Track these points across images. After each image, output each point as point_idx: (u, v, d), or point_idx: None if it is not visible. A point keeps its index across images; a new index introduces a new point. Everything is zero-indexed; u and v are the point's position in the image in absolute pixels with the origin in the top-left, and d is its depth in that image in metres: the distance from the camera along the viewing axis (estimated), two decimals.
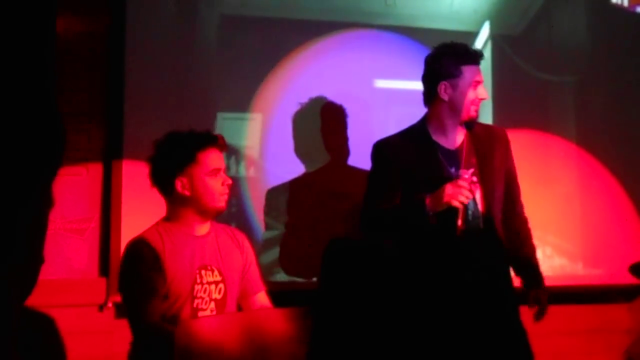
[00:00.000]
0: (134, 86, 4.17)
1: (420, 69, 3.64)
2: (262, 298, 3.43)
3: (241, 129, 4.32)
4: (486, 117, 4.54)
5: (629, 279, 4.57)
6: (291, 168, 4.40)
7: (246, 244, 3.46)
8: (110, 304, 4.10)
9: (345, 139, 4.48)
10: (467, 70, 3.58)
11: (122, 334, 3.89)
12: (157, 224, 3.31)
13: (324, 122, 4.48)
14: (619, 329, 5.00)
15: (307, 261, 4.27)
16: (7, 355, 1.50)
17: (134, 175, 4.12)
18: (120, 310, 4.08)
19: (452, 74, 3.58)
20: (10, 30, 1.49)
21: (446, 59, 3.59)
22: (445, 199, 3.40)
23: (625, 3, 5.17)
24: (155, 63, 4.24)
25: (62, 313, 3.91)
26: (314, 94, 4.47)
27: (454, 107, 3.59)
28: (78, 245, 4.10)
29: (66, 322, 3.93)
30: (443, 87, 3.57)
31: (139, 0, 4.24)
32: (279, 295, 3.49)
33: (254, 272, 3.44)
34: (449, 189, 3.41)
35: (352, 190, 4.09)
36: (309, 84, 4.47)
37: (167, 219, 3.31)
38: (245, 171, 4.33)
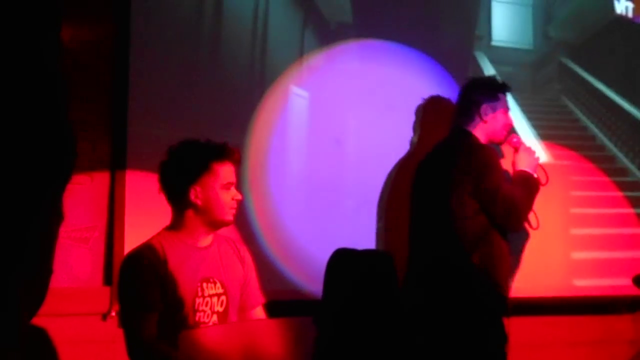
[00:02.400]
0: (139, 95, 4.18)
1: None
2: (259, 312, 3.41)
3: (244, 140, 4.32)
4: None
5: (633, 290, 4.57)
6: (297, 176, 4.41)
7: (248, 256, 3.44)
8: (113, 313, 4.09)
9: None
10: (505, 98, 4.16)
11: (124, 343, 3.90)
12: (159, 233, 3.28)
13: None
14: (623, 340, 4.99)
15: None
16: None
17: (138, 185, 4.12)
18: None
19: (492, 97, 4.12)
20: (21, 41, 1.50)
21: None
22: (535, 161, 4.15)
23: (630, 14, 5.18)
24: (160, 72, 4.24)
25: (66, 322, 3.91)
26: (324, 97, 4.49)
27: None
28: (82, 254, 4.10)
29: (69, 331, 3.93)
30: (485, 108, 4.10)
31: (144, 10, 4.24)
32: (284, 305, 3.49)
33: (254, 285, 3.43)
34: (529, 155, 4.15)
35: None
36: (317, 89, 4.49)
37: (172, 227, 3.29)
38: (248, 180, 4.33)
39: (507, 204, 3.92)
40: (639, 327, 5.07)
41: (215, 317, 3.23)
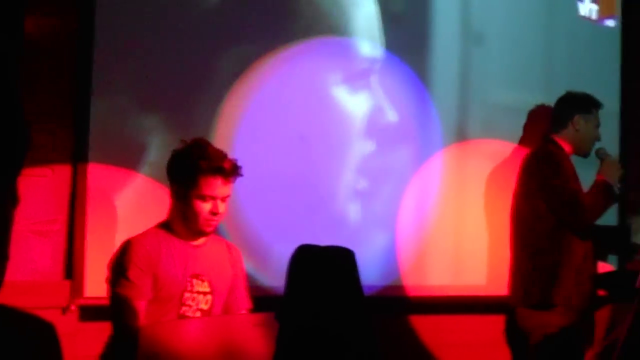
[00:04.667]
0: (102, 87, 4.14)
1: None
2: None
3: (209, 135, 4.29)
4: None
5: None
6: (261, 172, 4.40)
7: (239, 260, 3.51)
8: (73, 307, 4.06)
9: None
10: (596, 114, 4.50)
11: (85, 337, 3.88)
12: (156, 227, 3.35)
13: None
14: None
15: None
16: None
17: (100, 178, 4.09)
18: (84, 314, 4.06)
19: (587, 110, 4.46)
20: None
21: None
22: (618, 173, 4.32)
23: (594, 16, 5.22)
24: (123, 64, 4.21)
25: None
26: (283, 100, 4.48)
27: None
28: (42, 247, 4.07)
29: None
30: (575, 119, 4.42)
31: (108, 1, 4.21)
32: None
33: (243, 289, 3.49)
34: (612, 166, 4.35)
35: None
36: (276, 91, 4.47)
37: (166, 223, 3.36)
38: None
39: (572, 201, 4.23)
40: (599, 327, 5.10)
41: (199, 314, 3.29)
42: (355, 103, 4.62)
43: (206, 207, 3.25)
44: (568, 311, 4.24)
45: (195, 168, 3.23)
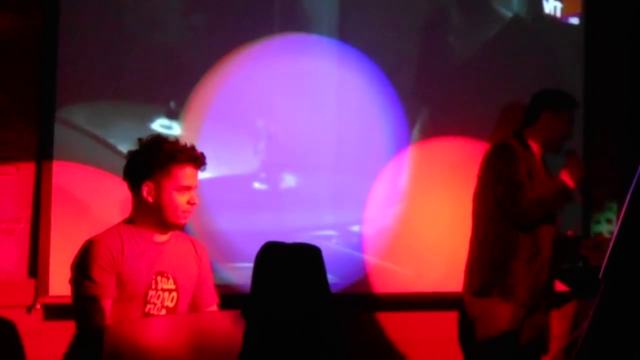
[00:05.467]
0: (66, 84, 4.12)
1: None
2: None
3: (175, 131, 4.29)
4: None
5: (558, 286, 4.63)
6: (223, 171, 4.39)
7: (204, 256, 3.46)
8: (38, 306, 4.04)
9: None
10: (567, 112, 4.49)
11: (50, 336, 3.86)
12: (118, 225, 3.29)
13: None
14: (550, 336, 5.06)
15: None
16: None
17: (65, 176, 4.08)
18: (49, 312, 4.03)
19: (559, 107, 4.46)
20: None
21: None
22: (581, 174, 4.34)
23: (558, 13, 5.26)
24: (88, 61, 4.18)
25: None
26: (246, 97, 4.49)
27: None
28: (7, 246, 4.04)
29: None
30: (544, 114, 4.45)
31: None
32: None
33: (209, 285, 3.45)
34: (576, 168, 4.32)
35: None
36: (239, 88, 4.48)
37: (130, 220, 3.30)
38: None
39: (514, 192, 4.25)
40: (563, 323, 5.14)
41: (164, 312, 3.25)
42: (322, 99, 4.63)
43: (183, 198, 3.22)
44: (511, 303, 4.26)
45: (170, 160, 3.19)
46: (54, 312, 4.01)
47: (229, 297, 3.59)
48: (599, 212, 5.30)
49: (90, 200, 4.08)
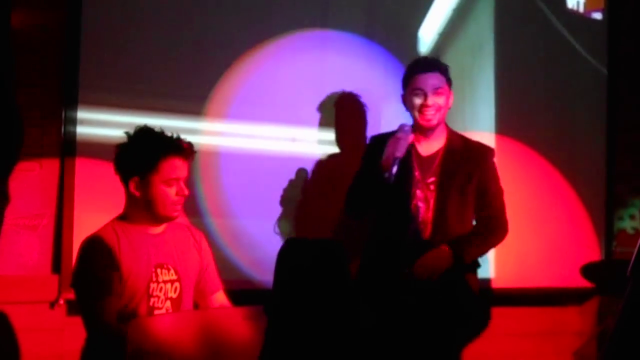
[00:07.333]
0: (90, 81, 4.14)
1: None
2: (220, 297, 3.40)
3: (197, 129, 4.30)
4: None
5: (580, 282, 4.62)
6: (245, 167, 4.40)
7: (204, 243, 3.43)
8: (61, 301, 4.06)
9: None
10: (411, 80, 3.82)
11: (73, 331, 3.86)
12: (112, 221, 3.26)
13: None
14: (570, 332, 5.05)
15: None
16: None
17: (88, 172, 4.10)
18: (72, 308, 4.05)
19: (404, 85, 3.85)
20: None
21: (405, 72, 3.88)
22: (390, 150, 3.68)
23: (581, 9, 5.23)
24: (111, 58, 4.20)
25: (13, 310, 3.87)
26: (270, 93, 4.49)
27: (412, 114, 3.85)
28: (30, 242, 4.06)
29: (17, 319, 3.89)
30: (402, 98, 3.88)
31: None
32: (235, 295, 3.48)
33: (212, 271, 3.41)
34: (391, 143, 3.70)
35: None
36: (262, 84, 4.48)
37: (123, 216, 3.27)
38: (199, 170, 4.32)
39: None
40: (585, 319, 5.13)
41: (168, 303, 3.23)
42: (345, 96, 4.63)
43: (172, 191, 3.19)
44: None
45: (156, 152, 3.16)
46: (77, 307, 4.03)
47: (251, 293, 3.59)
48: (622, 208, 5.27)
49: (113, 196, 4.09)
